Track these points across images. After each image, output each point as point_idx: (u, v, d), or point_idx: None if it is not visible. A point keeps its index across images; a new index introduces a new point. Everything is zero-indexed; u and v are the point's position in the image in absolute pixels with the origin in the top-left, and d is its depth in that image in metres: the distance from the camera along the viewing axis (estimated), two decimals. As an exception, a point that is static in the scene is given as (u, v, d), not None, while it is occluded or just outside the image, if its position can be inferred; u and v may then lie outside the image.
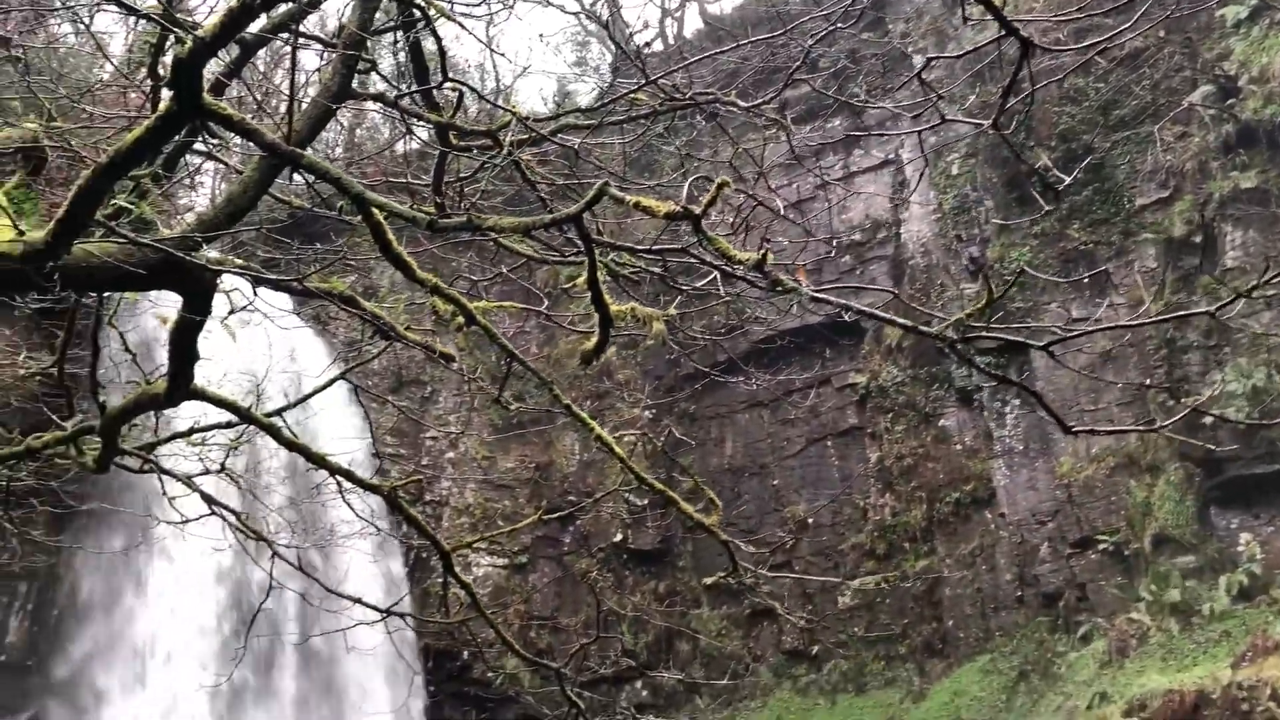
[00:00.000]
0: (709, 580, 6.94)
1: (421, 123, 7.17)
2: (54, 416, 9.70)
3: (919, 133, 5.40)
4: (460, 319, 5.07)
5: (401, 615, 10.82)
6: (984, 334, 3.92)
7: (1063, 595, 22.38)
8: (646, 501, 28.01)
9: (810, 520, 26.99)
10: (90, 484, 20.65)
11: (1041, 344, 3.73)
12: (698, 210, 3.67)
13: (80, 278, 5.59)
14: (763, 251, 3.69)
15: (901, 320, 4.15)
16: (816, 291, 4.05)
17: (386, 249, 4.40)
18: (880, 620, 25.27)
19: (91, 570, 23.27)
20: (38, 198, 5.36)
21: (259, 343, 11.93)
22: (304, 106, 7.04)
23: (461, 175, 8.37)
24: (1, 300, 18.75)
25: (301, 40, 6.71)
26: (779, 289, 3.88)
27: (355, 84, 7.04)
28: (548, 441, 29.33)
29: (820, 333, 26.22)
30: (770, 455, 28.15)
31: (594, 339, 4.60)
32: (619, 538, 28.17)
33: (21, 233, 4.55)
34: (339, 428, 22.23)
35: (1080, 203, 23.26)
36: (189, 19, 6.14)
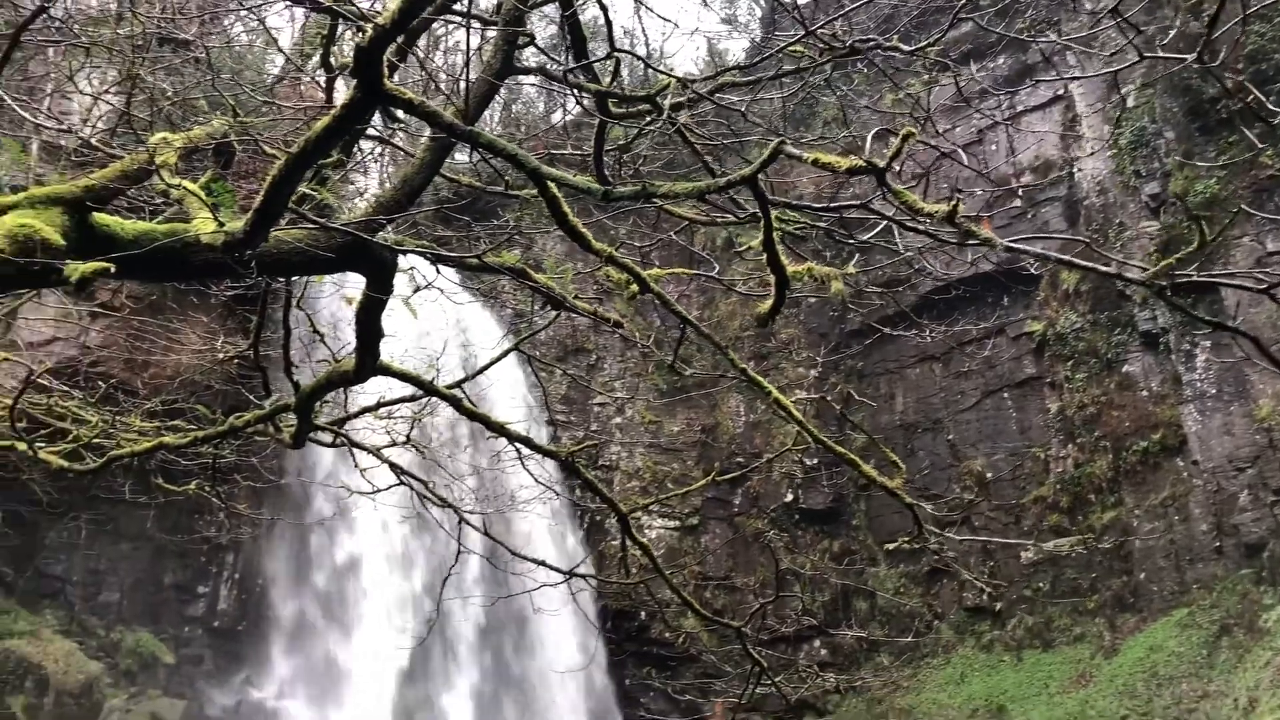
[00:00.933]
0: (891, 545, 6.76)
1: (583, 93, 7.21)
2: (251, 397, 10.28)
3: (1115, 73, 5.07)
4: (634, 287, 5.09)
5: (583, 576, 11.05)
6: (1195, 278, 3.68)
7: (1267, 545, 21.07)
8: (817, 461, 27.79)
9: (989, 475, 26.23)
10: (284, 459, 21.87)
11: (1262, 288, 3.46)
12: (882, 163, 3.56)
13: (273, 263, 5.87)
14: (954, 202, 3.55)
15: (1105, 268, 3.92)
16: (1011, 242, 3.88)
17: (563, 221, 4.45)
18: (1066, 575, 24.41)
19: (289, 540, 24.69)
20: (233, 190, 5.66)
21: (436, 318, 12.34)
22: (461, 86, 7.17)
23: (621, 143, 8.40)
24: (199, 289, 19.92)
25: (461, 19, 6.82)
26: (971, 240, 3.73)
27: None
28: (713, 404, 29.42)
29: (993, 280, 25.28)
30: (944, 410, 27.45)
31: (770, 300, 4.54)
32: (790, 498, 28.08)
33: (221, 224, 4.80)
34: (511, 397, 22.90)
35: (1274, 128, 21.61)
36: (357, 8, 6.33)
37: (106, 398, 11.59)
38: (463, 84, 6.30)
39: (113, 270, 5.07)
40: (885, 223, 5.35)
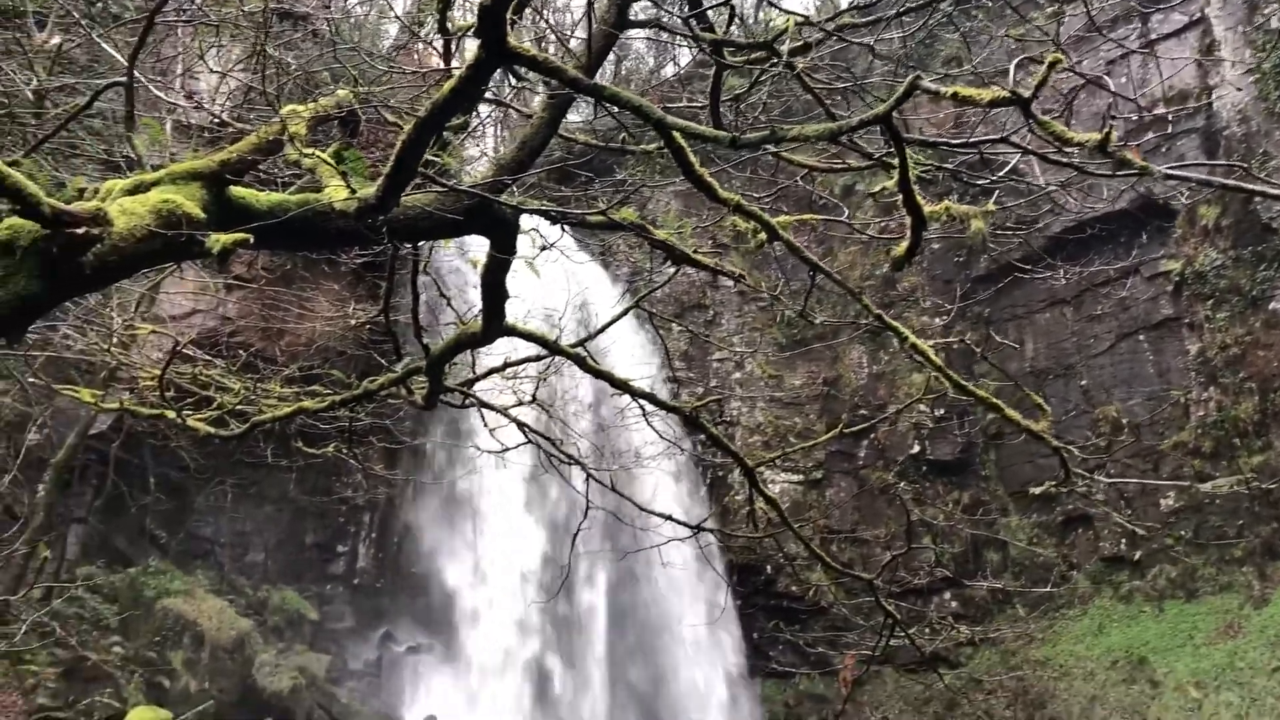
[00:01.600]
0: (1037, 489, 6.48)
1: (698, 42, 7.12)
2: (383, 361, 10.55)
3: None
4: (761, 236, 5.02)
5: (711, 530, 11.10)
6: (1375, 195, 3.42)
7: None
8: (945, 411, 27.25)
9: (1125, 421, 25.28)
10: (415, 421, 22.47)
11: None
12: (1027, 93, 3.41)
13: (401, 229, 5.99)
14: (1106, 129, 3.37)
15: (1277, 192, 3.70)
16: (1168, 169, 3.67)
17: (689, 171, 4.40)
18: (1211, 522, 23.44)
19: (422, 500, 25.42)
20: (363, 158, 5.77)
21: (556, 279, 12.46)
22: (573, 43, 7.15)
23: (736, 93, 8.27)
24: (329, 258, 20.49)
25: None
26: (1124, 170, 3.54)
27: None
28: (834, 357, 29.05)
29: (1128, 218, 24.17)
30: (1076, 355, 26.52)
31: (905, 243, 4.42)
32: (917, 449, 27.60)
33: (354, 190, 4.89)
34: (632, 355, 23.05)
35: None
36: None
37: (246, 366, 12.06)
38: (578, 38, 6.28)
39: (251, 241, 5.24)
40: (1020, 157, 5.15)
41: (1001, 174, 6.65)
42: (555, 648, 23.74)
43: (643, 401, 8.91)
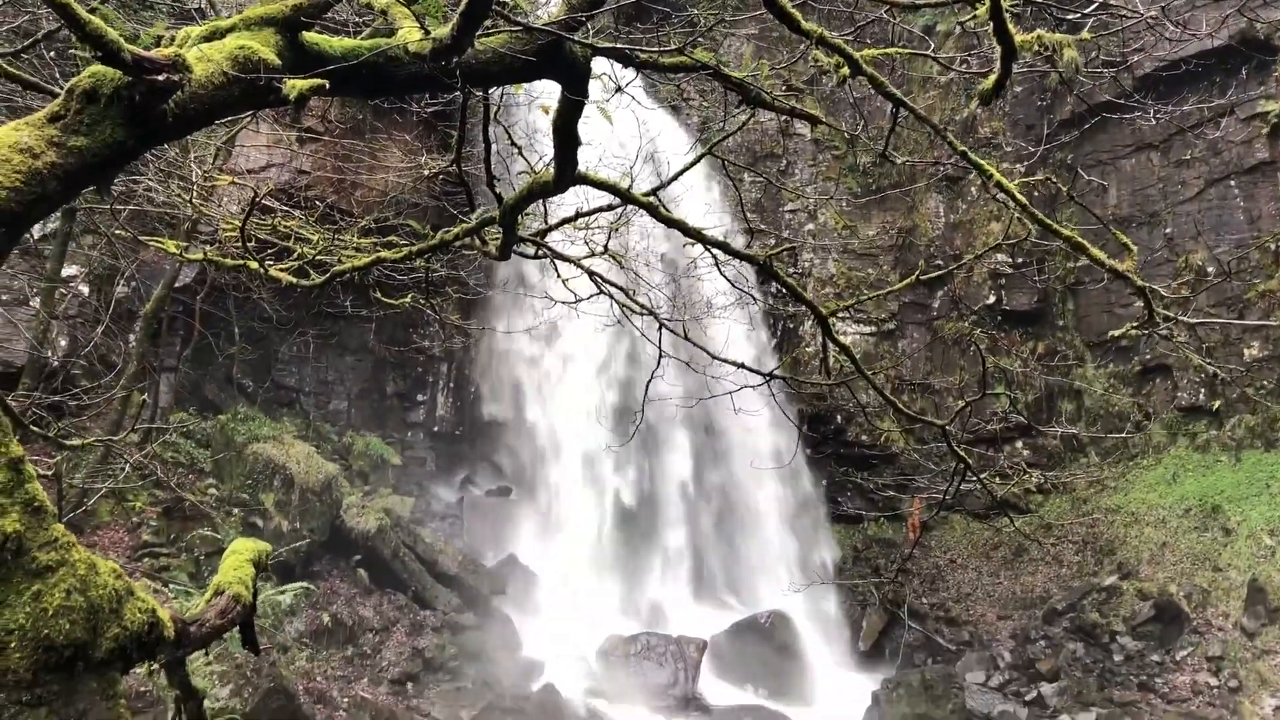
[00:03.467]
0: (1117, 332, 6.30)
1: None
2: (456, 213, 10.59)
3: None
4: (844, 71, 4.88)
5: (783, 379, 11.16)
6: None
7: None
8: (1022, 260, 26.72)
9: (1210, 270, 24.55)
10: (483, 272, 22.66)
11: None
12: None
13: (473, 73, 5.91)
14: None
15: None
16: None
17: (771, 3, 4.27)
18: (1294, 372, 22.96)
19: (497, 350, 25.87)
20: (436, -2, 5.66)
21: (628, 126, 12.28)
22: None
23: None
24: (399, 108, 20.37)
25: None
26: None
27: None
28: (910, 206, 28.46)
29: (1227, 54, 22.88)
30: (1162, 201, 25.63)
31: (993, 76, 4.27)
32: (992, 299, 27.21)
33: (428, 32, 4.84)
34: (702, 205, 22.82)
35: None
36: None
37: (322, 218, 12.21)
38: None
39: (326, 86, 5.23)
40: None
41: (1094, 6, 6.33)
42: (631, 488, 24.36)
43: (716, 251, 8.85)
